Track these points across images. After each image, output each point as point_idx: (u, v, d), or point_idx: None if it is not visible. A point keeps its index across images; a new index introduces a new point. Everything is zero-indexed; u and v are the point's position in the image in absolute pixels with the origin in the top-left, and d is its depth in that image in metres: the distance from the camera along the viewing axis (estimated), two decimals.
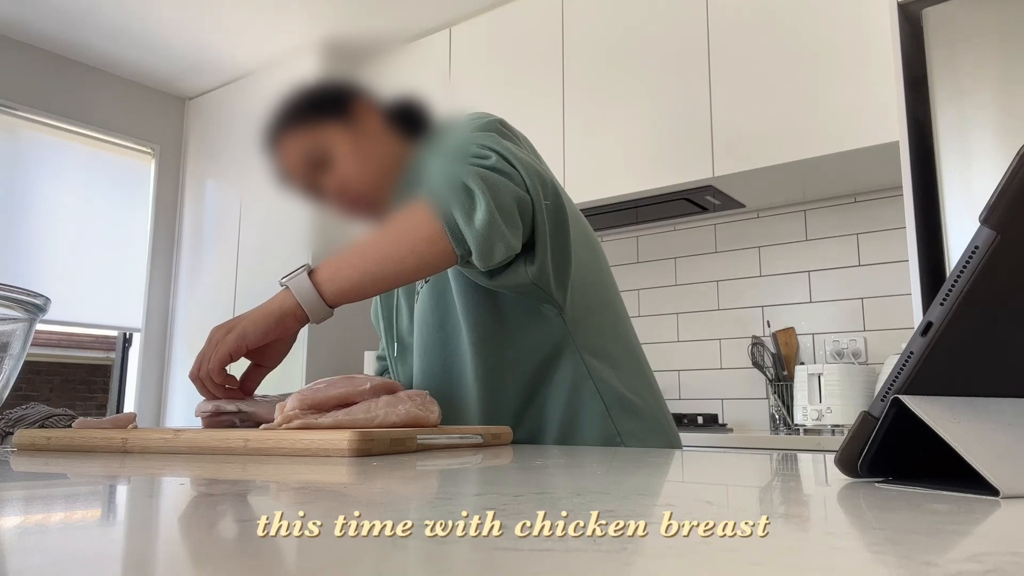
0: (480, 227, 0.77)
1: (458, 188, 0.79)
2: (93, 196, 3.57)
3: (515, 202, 0.81)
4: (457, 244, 0.79)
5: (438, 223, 0.79)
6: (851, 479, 0.41)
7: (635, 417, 0.97)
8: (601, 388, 0.96)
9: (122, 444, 0.71)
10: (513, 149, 0.85)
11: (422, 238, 0.79)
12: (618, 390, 0.97)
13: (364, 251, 0.81)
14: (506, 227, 0.79)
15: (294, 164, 1.05)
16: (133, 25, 3.23)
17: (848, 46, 2.13)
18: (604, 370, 0.97)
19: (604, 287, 1.02)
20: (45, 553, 0.22)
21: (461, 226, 0.78)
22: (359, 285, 0.82)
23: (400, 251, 0.80)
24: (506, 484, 0.43)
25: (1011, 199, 0.34)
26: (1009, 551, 0.22)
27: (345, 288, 0.81)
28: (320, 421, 0.69)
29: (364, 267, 0.81)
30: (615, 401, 0.96)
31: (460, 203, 0.78)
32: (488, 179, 0.79)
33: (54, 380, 4.73)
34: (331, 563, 0.21)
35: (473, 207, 0.78)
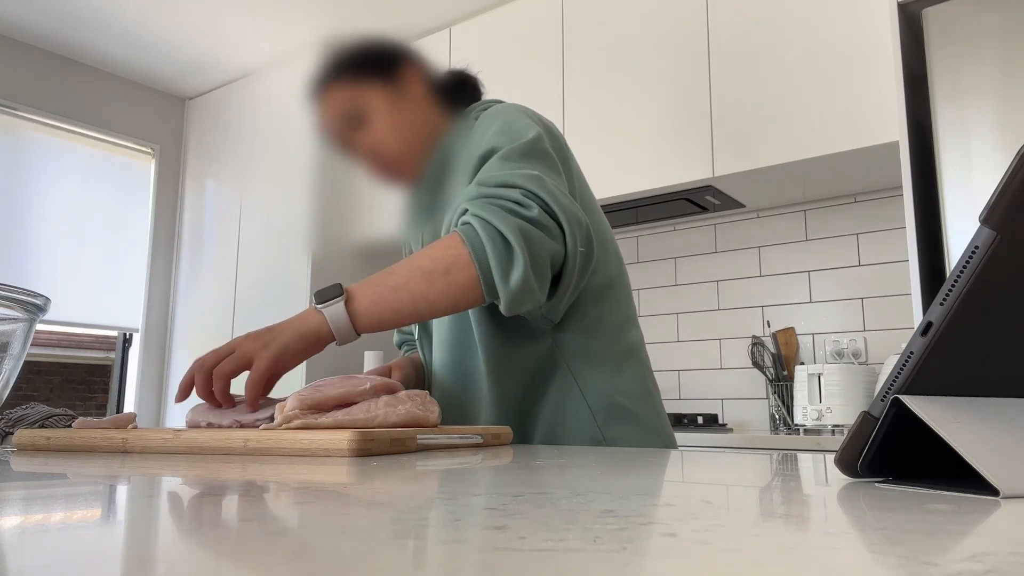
0: (514, 286, 0.81)
1: (497, 241, 0.81)
2: (93, 196, 3.57)
3: (550, 259, 0.84)
4: (489, 294, 0.83)
5: (474, 272, 0.82)
6: (851, 479, 0.41)
7: (625, 421, 0.97)
8: (587, 393, 0.97)
9: (122, 444, 0.71)
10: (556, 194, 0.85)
11: (457, 283, 0.82)
12: (607, 394, 0.97)
13: (400, 287, 0.83)
14: (537, 284, 0.82)
15: (333, 117, 1.05)
16: (133, 25, 3.23)
17: (848, 46, 2.13)
18: (592, 374, 0.97)
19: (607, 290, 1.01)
20: (44, 553, 0.22)
21: (496, 282, 0.81)
22: (391, 321, 0.84)
23: (435, 293, 0.82)
24: (506, 484, 0.43)
25: (1011, 199, 0.34)
26: (1009, 551, 0.22)
27: (377, 321, 0.83)
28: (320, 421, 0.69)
29: (399, 304, 0.83)
30: (602, 406, 0.96)
31: (499, 258, 0.80)
32: (528, 235, 0.81)
33: (54, 380, 4.73)
34: (331, 563, 0.21)
35: (510, 265, 0.81)
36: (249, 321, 3.39)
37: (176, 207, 3.87)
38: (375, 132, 1.02)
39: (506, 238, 0.81)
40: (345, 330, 0.82)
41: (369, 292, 0.83)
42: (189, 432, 0.68)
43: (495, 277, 0.81)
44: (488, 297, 0.83)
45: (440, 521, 0.28)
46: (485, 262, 0.81)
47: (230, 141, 3.67)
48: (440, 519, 0.29)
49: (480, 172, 0.91)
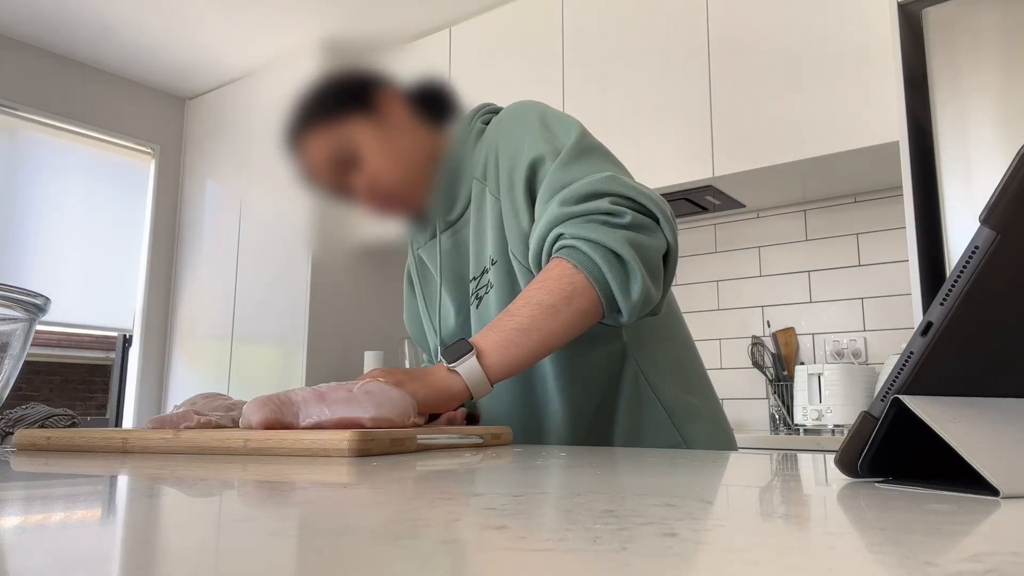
0: (636, 299, 0.80)
1: (610, 259, 0.79)
2: (93, 196, 3.57)
3: (661, 259, 0.82)
4: (610, 312, 0.82)
5: (595, 295, 0.80)
6: (851, 479, 0.41)
7: (698, 421, 0.94)
8: (661, 394, 0.94)
9: (122, 444, 0.71)
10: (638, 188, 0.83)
11: (581, 310, 0.80)
12: (678, 394, 0.94)
13: (527, 329, 0.80)
14: (654, 289, 0.81)
15: (320, 165, 1.00)
16: (133, 26, 3.23)
17: (848, 46, 2.13)
18: (662, 375, 0.94)
19: None
20: (42, 553, 0.22)
21: (619, 300, 0.80)
22: (524, 364, 0.83)
23: (561, 326, 0.81)
24: (507, 484, 0.43)
25: (1011, 199, 0.34)
26: (1009, 551, 0.22)
27: (510, 368, 0.82)
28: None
29: (530, 345, 0.81)
30: (676, 407, 0.93)
31: (617, 276, 0.79)
32: (636, 244, 0.80)
33: (54, 380, 4.73)
34: (331, 563, 0.21)
35: (628, 280, 0.79)
36: (249, 321, 3.39)
37: (176, 207, 3.87)
38: (370, 168, 0.97)
39: (617, 253, 0.79)
40: (480, 384, 0.80)
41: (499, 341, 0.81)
42: (189, 432, 0.68)
43: (617, 295, 0.80)
44: (609, 315, 0.82)
45: (440, 521, 0.28)
46: (604, 283, 0.79)
47: (230, 141, 3.67)
48: (440, 519, 0.29)
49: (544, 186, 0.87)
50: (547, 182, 0.87)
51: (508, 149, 0.93)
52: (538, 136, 0.91)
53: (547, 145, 0.89)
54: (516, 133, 0.94)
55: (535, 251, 0.87)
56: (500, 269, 0.94)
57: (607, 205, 0.81)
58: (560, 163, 0.87)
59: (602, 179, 0.83)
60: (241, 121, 3.64)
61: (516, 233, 0.91)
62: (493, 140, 0.96)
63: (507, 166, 0.93)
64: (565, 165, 0.87)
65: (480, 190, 0.97)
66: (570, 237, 0.81)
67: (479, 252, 0.97)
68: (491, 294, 0.96)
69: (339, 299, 3.25)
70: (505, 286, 0.94)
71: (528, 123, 0.93)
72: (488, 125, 1.00)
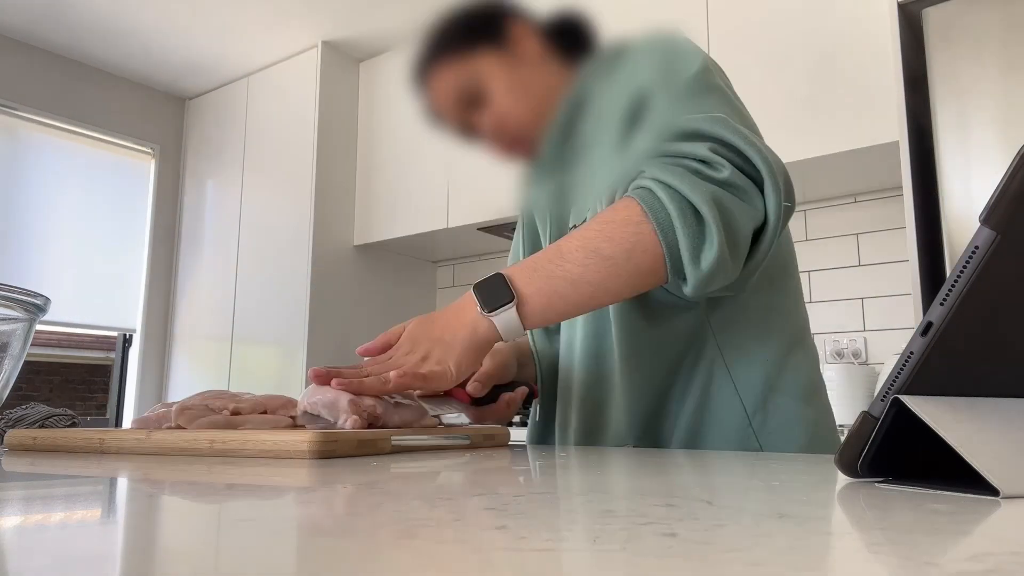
0: (707, 269, 0.66)
1: (687, 214, 0.66)
2: (93, 196, 3.57)
3: (750, 232, 0.69)
4: (674, 276, 0.69)
5: (660, 252, 0.68)
6: (851, 479, 0.41)
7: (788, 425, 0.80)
8: (743, 388, 0.80)
9: (99, 445, 0.72)
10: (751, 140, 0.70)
11: (640, 269, 0.69)
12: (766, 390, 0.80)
13: (577, 280, 0.70)
14: (732, 262, 0.67)
15: (446, 101, 0.93)
16: (133, 26, 3.23)
17: (848, 46, 2.13)
18: (750, 364, 0.81)
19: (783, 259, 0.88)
20: (38, 553, 0.22)
21: (686, 264, 0.67)
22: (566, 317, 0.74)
23: (617, 285, 0.70)
24: (507, 484, 0.43)
25: (1011, 199, 0.34)
26: (1009, 551, 0.22)
27: (551, 319, 0.74)
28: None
29: (578, 299, 0.71)
30: (760, 405, 0.79)
31: (690, 236, 0.66)
32: (723, 205, 0.66)
33: (54, 380, 4.73)
34: (331, 563, 0.21)
35: (702, 244, 0.66)
36: (249, 321, 3.39)
37: (176, 207, 3.87)
38: (498, 106, 0.89)
39: (697, 210, 0.66)
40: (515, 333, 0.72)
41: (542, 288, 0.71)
42: (160, 433, 0.69)
43: (684, 258, 0.67)
44: (673, 280, 0.70)
45: (440, 521, 0.28)
46: (673, 241, 0.67)
47: (230, 141, 3.67)
48: (440, 519, 0.29)
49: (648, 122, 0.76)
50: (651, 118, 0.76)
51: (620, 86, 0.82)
52: (653, 67, 0.80)
53: (661, 76, 0.78)
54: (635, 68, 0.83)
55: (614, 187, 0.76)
56: None
57: (704, 151, 0.69)
58: (670, 97, 0.76)
59: (710, 119, 0.71)
60: (241, 121, 3.64)
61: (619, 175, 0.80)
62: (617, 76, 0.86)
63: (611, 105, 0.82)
64: (675, 100, 0.75)
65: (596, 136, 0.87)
66: (649, 178, 0.69)
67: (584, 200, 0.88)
68: None
69: (339, 299, 3.25)
70: None
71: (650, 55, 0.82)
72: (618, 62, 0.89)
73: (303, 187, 3.27)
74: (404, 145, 3.25)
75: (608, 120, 0.83)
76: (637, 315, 0.82)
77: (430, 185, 3.12)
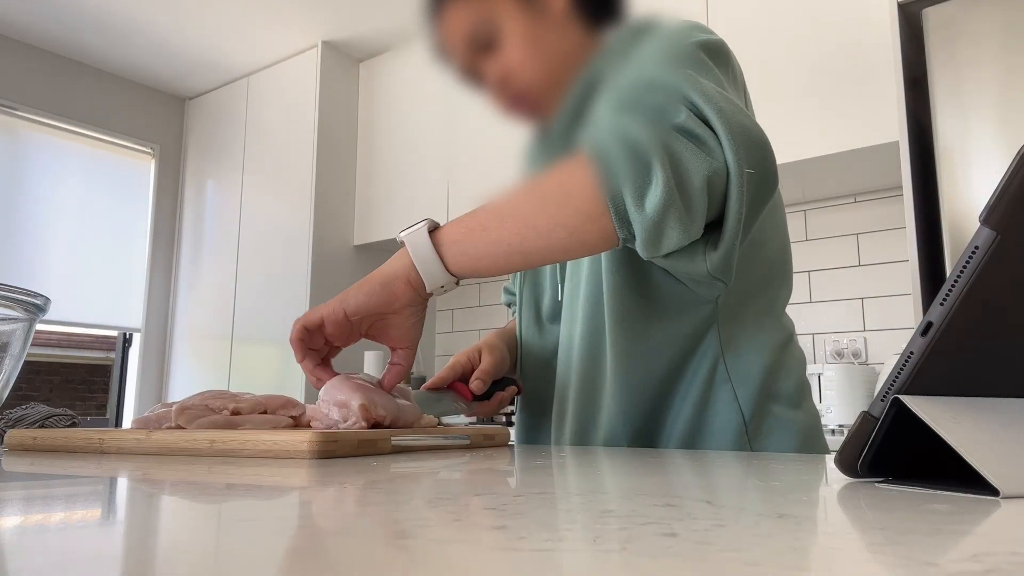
0: (652, 212, 0.60)
1: (632, 155, 0.61)
2: (93, 196, 3.57)
3: (704, 179, 0.61)
4: (620, 226, 0.63)
5: (601, 197, 0.62)
6: (851, 479, 0.41)
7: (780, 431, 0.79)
8: (742, 395, 0.78)
9: (99, 445, 0.72)
10: (715, 96, 0.64)
11: (579, 210, 0.63)
12: (762, 397, 0.79)
13: (503, 213, 0.65)
14: (685, 212, 0.61)
15: (455, 39, 0.86)
16: (133, 25, 3.23)
17: (848, 46, 2.13)
18: (750, 371, 0.79)
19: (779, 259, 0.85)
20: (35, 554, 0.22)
21: (629, 207, 0.61)
22: (490, 255, 0.65)
23: (549, 223, 0.63)
24: (506, 484, 0.43)
25: (1011, 199, 0.34)
26: (1009, 551, 0.22)
27: (472, 255, 0.66)
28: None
29: (501, 235, 0.65)
30: (756, 412, 0.78)
31: (631, 177, 0.61)
32: (672, 148, 0.61)
33: (54, 380, 4.73)
34: (330, 563, 0.21)
35: (647, 185, 0.60)
36: (249, 321, 3.39)
37: (176, 207, 3.87)
38: (509, 57, 0.83)
39: (642, 151, 0.61)
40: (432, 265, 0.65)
41: (464, 220, 0.66)
42: (160, 433, 0.69)
43: (627, 201, 0.61)
44: (619, 229, 0.63)
45: (440, 521, 0.28)
46: (615, 182, 0.61)
47: (230, 141, 3.67)
48: (440, 519, 0.29)
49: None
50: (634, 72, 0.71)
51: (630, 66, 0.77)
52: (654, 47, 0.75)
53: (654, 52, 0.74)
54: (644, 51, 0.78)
55: None
56: None
57: (660, 98, 0.64)
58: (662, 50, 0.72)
59: (676, 73, 0.67)
60: (241, 121, 3.64)
61: None
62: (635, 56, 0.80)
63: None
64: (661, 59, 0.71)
65: None
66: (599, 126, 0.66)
67: None
68: None
69: None
70: None
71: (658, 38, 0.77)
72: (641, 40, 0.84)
73: (303, 187, 3.27)
74: (404, 145, 3.25)
75: None
76: (637, 317, 0.78)
77: (430, 185, 3.12)
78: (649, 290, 0.78)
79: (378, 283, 0.68)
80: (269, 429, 0.70)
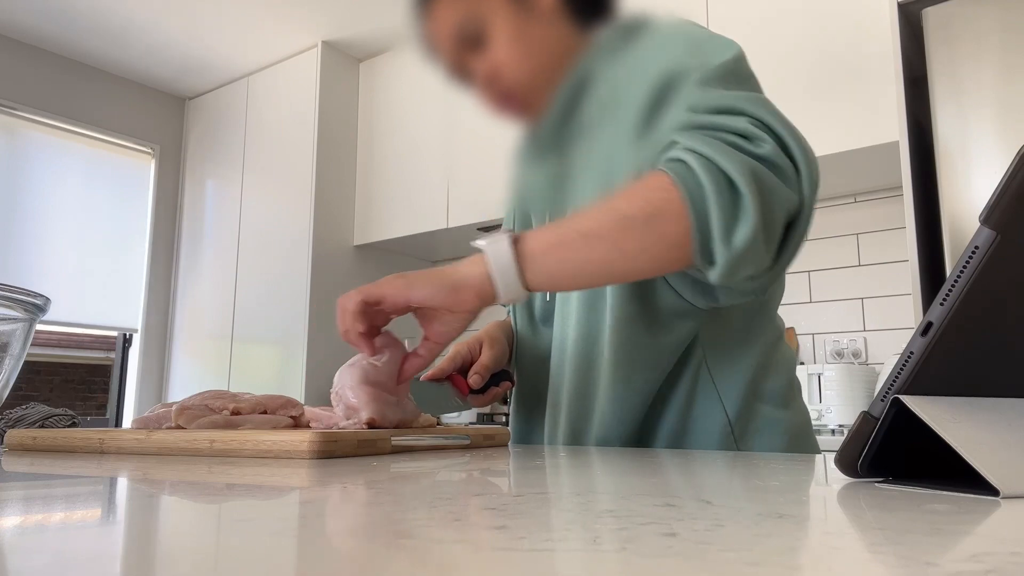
0: (738, 247, 0.61)
1: (722, 185, 0.61)
2: (93, 196, 3.57)
3: (785, 215, 0.63)
4: (702, 257, 0.63)
5: (687, 223, 0.61)
6: (851, 479, 0.41)
7: (767, 431, 0.79)
8: (726, 396, 0.78)
9: (99, 445, 0.72)
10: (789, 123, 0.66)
11: (664, 236, 0.62)
12: (748, 398, 0.79)
13: (588, 233, 0.63)
14: (764, 246, 0.62)
15: (444, 35, 0.85)
16: (133, 25, 3.23)
17: (848, 46, 2.13)
18: (735, 372, 0.79)
19: None
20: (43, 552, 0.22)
21: (715, 239, 0.61)
22: (571, 273, 0.65)
23: (634, 247, 0.63)
24: (506, 484, 0.43)
25: (1011, 199, 0.34)
26: (1009, 551, 0.22)
27: (553, 272, 0.64)
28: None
29: (585, 254, 0.64)
30: (741, 412, 0.78)
31: (722, 210, 0.61)
32: (761, 181, 0.61)
33: (54, 380, 4.73)
34: (330, 563, 0.21)
35: (736, 220, 0.61)
36: (249, 321, 3.39)
37: (176, 207, 3.87)
38: (496, 54, 0.82)
39: (733, 182, 0.60)
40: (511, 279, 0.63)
41: (549, 234, 0.64)
42: (160, 433, 0.69)
43: (714, 232, 0.61)
44: (700, 258, 0.63)
45: (440, 521, 0.28)
46: (704, 211, 0.61)
47: (230, 141, 3.67)
48: (440, 519, 0.29)
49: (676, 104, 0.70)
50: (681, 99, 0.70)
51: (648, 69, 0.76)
52: (685, 52, 0.74)
53: (692, 59, 0.73)
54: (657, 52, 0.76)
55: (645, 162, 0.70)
56: None
57: (744, 124, 0.64)
58: (700, 80, 0.70)
59: (751, 98, 0.67)
60: (241, 121, 3.64)
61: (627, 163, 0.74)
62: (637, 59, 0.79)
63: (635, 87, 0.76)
64: (705, 84, 0.70)
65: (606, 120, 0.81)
66: (683, 148, 0.64)
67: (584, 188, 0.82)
68: None
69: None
70: None
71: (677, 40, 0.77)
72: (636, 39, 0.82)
73: (303, 187, 3.27)
74: (404, 145, 3.25)
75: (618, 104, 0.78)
76: (638, 327, 0.77)
77: (430, 185, 3.12)
78: (654, 298, 0.78)
79: (449, 284, 0.66)
80: (269, 429, 0.70)
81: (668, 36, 0.78)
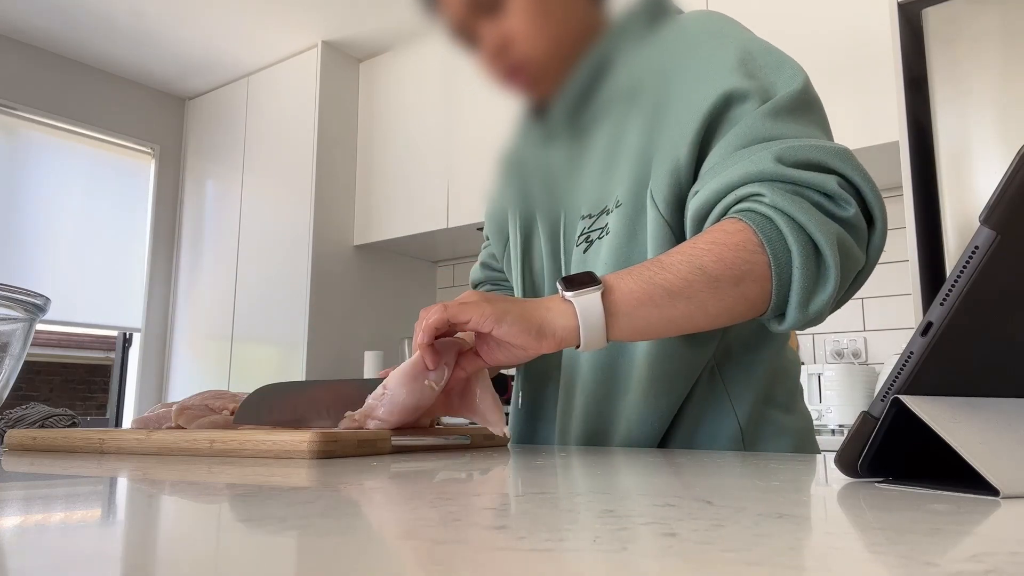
0: (813, 312, 0.63)
1: (809, 255, 0.62)
2: (93, 196, 3.57)
3: (854, 275, 0.66)
4: (775, 316, 0.66)
5: (768, 288, 0.63)
6: (851, 479, 0.41)
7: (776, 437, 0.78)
8: (738, 405, 0.77)
9: (99, 445, 0.72)
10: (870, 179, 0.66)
11: (745, 297, 0.63)
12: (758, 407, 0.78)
13: (674, 291, 0.63)
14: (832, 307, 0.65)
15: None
16: (133, 25, 3.23)
17: (848, 46, 2.13)
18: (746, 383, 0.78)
19: None
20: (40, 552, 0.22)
21: (793, 306, 0.63)
22: (654, 329, 0.65)
23: (718, 307, 0.64)
24: (506, 484, 0.43)
25: (1011, 199, 0.34)
26: (1009, 551, 0.22)
27: (637, 328, 0.64)
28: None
29: (669, 312, 0.64)
30: (752, 421, 0.77)
31: (807, 279, 0.62)
32: (844, 247, 0.63)
33: (54, 380, 4.73)
34: (330, 563, 0.21)
35: (817, 290, 0.63)
36: (249, 321, 3.39)
37: (176, 207, 3.87)
38: (512, 23, 0.78)
39: (820, 252, 0.62)
40: (596, 333, 0.63)
41: (635, 290, 0.64)
42: (160, 433, 0.69)
43: (793, 300, 0.63)
44: (771, 317, 0.66)
45: (440, 521, 0.28)
46: (787, 278, 0.62)
47: (230, 141, 3.67)
48: (440, 519, 0.29)
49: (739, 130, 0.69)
50: (745, 126, 0.68)
51: (691, 69, 0.74)
52: (738, 65, 0.72)
53: (751, 81, 0.71)
54: (705, 52, 0.74)
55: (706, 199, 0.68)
56: (624, 214, 0.76)
57: (834, 186, 0.64)
58: (770, 111, 0.69)
59: (834, 151, 0.66)
60: (241, 121, 3.64)
61: (667, 169, 0.72)
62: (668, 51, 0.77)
63: (684, 89, 0.73)
64: (776, 115, 0.68)
65: (624, 110, 0.78)
66: (770, 205, 0.63)
67: (603, 186, 0.79)
68: (605, 241, 0.78)
69: (339, 299, 3.25)
70: (623, 235, 0.76)
71: (727, 45, 0.74)
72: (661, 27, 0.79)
73: (303, 187, 3.27)
74: (404, 145, 3.25)
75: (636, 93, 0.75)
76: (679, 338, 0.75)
77: (430, 185, 3.12)
78: None
79: (536, 328, 0.64)
80: (269, 429, 0.70)
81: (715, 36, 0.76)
